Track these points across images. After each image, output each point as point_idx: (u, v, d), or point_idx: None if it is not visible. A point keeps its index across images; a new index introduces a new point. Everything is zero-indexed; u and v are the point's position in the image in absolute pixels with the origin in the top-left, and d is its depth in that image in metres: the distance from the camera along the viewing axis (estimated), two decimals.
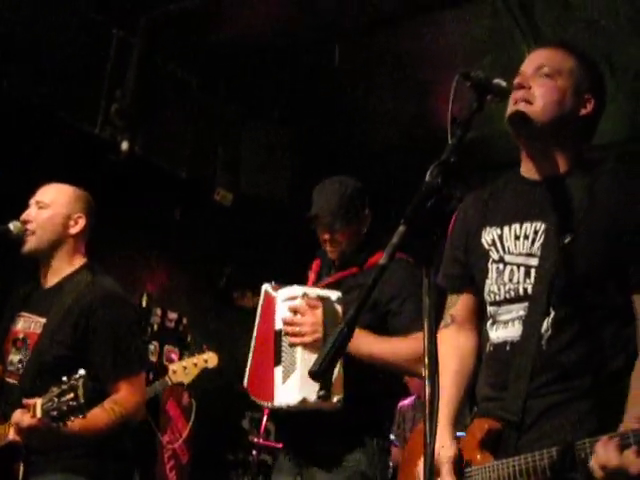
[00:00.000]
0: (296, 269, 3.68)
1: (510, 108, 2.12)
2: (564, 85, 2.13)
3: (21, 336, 2.89)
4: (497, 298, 2.14)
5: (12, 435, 2.49)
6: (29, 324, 2.90)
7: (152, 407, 5.63)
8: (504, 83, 1.93)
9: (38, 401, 2.43)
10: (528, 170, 2.21)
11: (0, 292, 3.80)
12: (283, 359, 2.92)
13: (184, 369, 4.40)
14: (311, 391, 2.79)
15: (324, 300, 2.90)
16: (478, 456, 2.04)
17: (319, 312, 2.85)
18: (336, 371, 2.81)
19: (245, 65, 5.81)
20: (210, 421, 6.70)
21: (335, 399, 2.81)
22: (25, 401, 2.48)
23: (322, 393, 2.76)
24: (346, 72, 5.72)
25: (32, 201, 3.02)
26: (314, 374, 1.31)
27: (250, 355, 3.17)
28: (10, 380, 2.88)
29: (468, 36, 5.22)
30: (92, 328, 2.79)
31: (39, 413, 2.42)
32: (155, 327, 6.51)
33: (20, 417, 2.46)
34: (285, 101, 6.22)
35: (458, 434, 2.21)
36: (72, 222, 3.00)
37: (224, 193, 6.20)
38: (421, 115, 6.25)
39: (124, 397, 2.76)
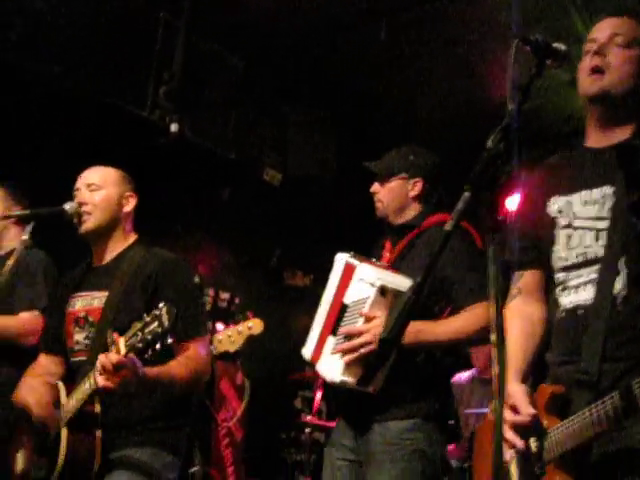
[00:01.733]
0: (345, 247, 3.68)
1: (586, 81, 2.11)
2: (639, 55, 2.12)
3: (82, 314, 2.92)
4: (566, 264, 2.13)
5: (101, 381, 2.43)
6: (88, 301, 2.94)
7: (206, 385, 5.70)
8: (564, 47, 1.90)
9: (121, 339, 2.40)
10: (594, 140, 2.20)
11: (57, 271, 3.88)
12: (339, 334, 2.94)
13: (229, 337, 4.35)
14: (352, 376, 2.84)
15: (398, 296, 2.85)
16: (544, 421, 2.03)
17: (379, 323, 2.84)
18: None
19: (290, 45, 5.78)
20: (263, 400, 6.76)
21: (371, 389, 2.86)
22: (109, 339, 2.44)
23: (361, 382, 2.84)
24: (393, 49, 5.65)
25: (80, 185, 3.04)
26: (384, 342, 1.31)
27: (319, 319, 3.16)
28: (79, 358, 2.90)
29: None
30: (160, 294, 2.78)
31: (123, 349, 2.38)
32: (208, 307, 6.56)
33: (104, 358, 2.40)
34: (331, 79, 6.18)
35: None
36: (125, 201, 3.05)
37: (273, 173, 6.21)
38: (469, 92, 6.18)
39: (195, 354, 2.76)
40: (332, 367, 2.90)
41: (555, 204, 2.19)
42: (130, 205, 3.06)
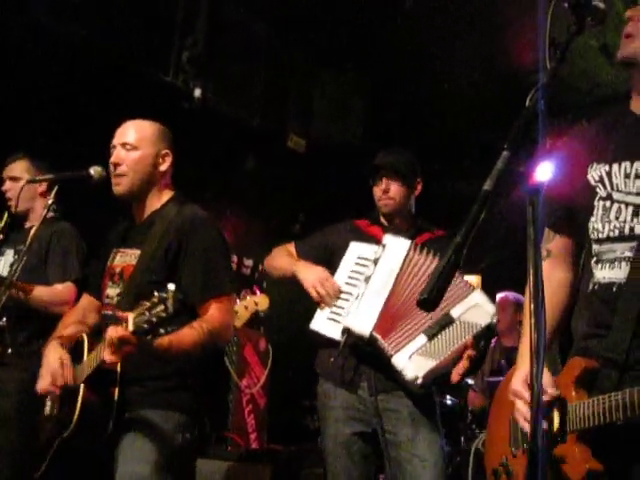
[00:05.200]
0: (368, 214, 3.67)
1: (621, 44, 2.05)
2: None
3: (118, 270, 2.93)
4: (600, 236, 2.08)
5: (107, 355, 2.46)
6: (124, 258, 2.94)
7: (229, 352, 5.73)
8: (603, 5, 1.82)
9: (130, 315, 2.41)
10: (636, 105, 2.12)
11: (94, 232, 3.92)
12: (436, 339, 3.14)
13: (235, 312, 4.34)
14: (428, 380, 3.10)
15: None
16: (573, 393, 2.02)
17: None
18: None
19: (315, 10, 5.71)
20: (286, 367, 6.78)
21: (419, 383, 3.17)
22: (119, 314, 2.48)
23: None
24: (418, 14, 5.57)
25: (116, 143, 2.95)
26: (423, 302, 1.28)
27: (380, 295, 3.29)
28: (108, 312, 2.92)
29: None
30: (183, 250, 2.80)
31: (131, 326, 2.40)
32: None
33: (113, 332, 2.42)
34: (356, 45, 6.10)
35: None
36: (160, 160, 2.96)
37: (297, 139, 6.16)
38: (495, 56, 6.08)
39: (212, 315, 2.74)
40: (414, 365, 3.10)
41: (596, 171, 2.12)
42: (166, 164, 2.98)
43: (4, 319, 3.83)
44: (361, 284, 3.34)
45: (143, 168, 2.91)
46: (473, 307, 3.14)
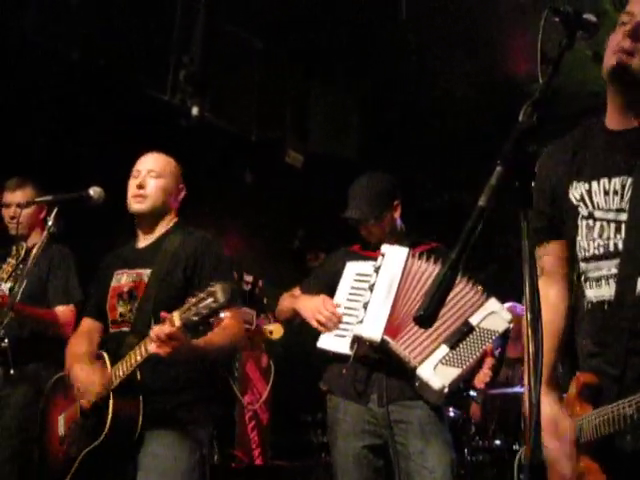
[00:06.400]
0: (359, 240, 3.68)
1: (610, 58, 2.03)
2: None
3: (126, 289, 3.09)
4: (586, 254, 2.10)
5: (152, 348, 2.64)
6: (133, 277, 3.10)
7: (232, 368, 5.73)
8: (594, 18, 1.83)
9: (175, 313, 2.61)
10: (613, 121, 2.14)
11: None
12: (458, 348, 3.20)
13: (249, 339, 4.45)
14: (453, 388, 3.16)
15: None
16: (577, 408, 2.06)
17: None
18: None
19: (310, 24, 5.74)
20: (288, 383, 6.78)
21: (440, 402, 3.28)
22: (162, 314, 2.64)
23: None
24: (413, 26, 5.59)
25: (141, 168, 3.15)
26: (420, 319, 1.28)
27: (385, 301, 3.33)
28: (120, 329, 3.06)
29: None
30: (200, 267, 3.04)
31: (178, 322, 2.59)
32: None
33: (159, 329, 2.61)
34: (352, 58, 6.12)
35: None
36: (177, 191, 3.23)
37: (295, 155, 6.17)
38: (490, 68, 6.10)
39: (230, 324, 2.97)
40: (443, 375, 3.15)
41: (577, 190, 2.14)
42: (181, 195, 3.24)
43: (6, 340, 3.85)
44: (366, 292, 3.36)
45: (163, 196, 3.15)
46: (490, 314, 3.22)
